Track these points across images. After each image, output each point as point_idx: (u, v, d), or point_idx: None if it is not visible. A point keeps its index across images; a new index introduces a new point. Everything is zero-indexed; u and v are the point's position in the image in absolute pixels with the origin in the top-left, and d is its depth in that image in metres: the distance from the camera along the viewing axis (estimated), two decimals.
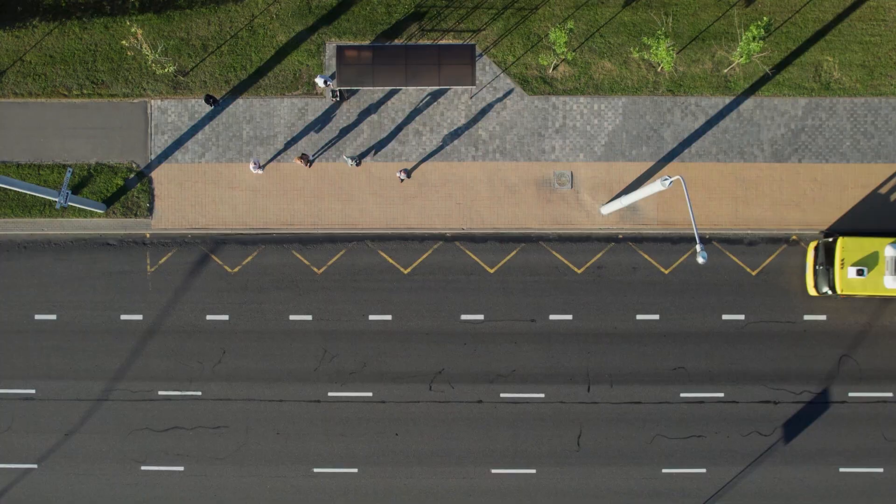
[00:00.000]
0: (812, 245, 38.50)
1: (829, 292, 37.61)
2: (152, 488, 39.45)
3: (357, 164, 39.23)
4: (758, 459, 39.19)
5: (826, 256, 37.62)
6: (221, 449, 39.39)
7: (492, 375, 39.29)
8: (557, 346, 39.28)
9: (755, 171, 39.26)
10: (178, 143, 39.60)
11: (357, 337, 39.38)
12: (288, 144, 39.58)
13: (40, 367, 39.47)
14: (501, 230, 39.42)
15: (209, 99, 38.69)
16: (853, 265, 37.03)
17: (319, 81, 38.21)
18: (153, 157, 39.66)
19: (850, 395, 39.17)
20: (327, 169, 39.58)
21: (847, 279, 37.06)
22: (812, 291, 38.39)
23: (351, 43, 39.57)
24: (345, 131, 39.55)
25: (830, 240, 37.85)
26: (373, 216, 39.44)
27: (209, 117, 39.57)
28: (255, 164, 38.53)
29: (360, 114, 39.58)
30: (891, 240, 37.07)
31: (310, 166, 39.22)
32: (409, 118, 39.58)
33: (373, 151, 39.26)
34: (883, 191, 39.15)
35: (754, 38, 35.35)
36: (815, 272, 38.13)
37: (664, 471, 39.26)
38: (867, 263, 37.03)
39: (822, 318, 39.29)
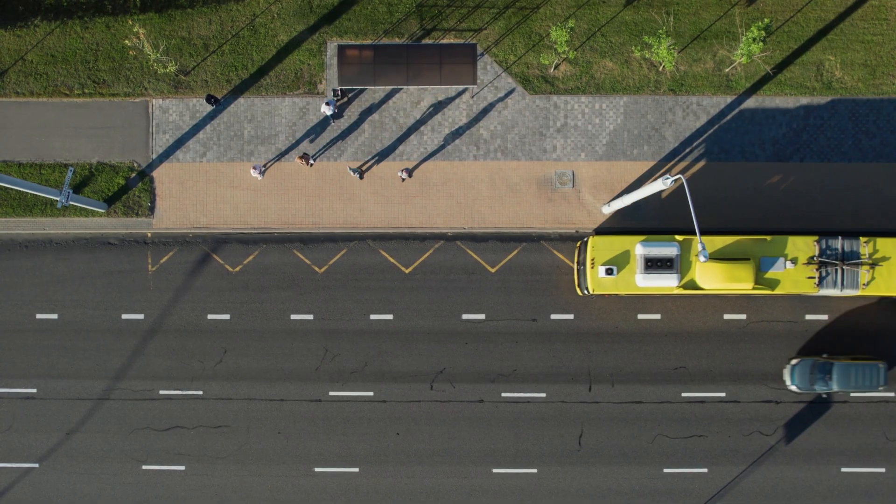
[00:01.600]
0: (577, 245, 38.39)
1: (588, 292, 37.47)
2: (153, 487, 39.45)
3: (360, 178, 39.26)
4: (759, 459, 39.14)
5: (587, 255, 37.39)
6: (222, 448, 39.39)
7: (493, 375, 39.27)
8: (559, 345, 39.24)
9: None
10: (180, 143, 39.61)
11: (358, 336, 39.37)
12: (289, 149, 39.57)
13: (41, 366, 39.48)
14: (503, 229, 39.39)
15: (210, 98, 38.69)
16: (603, 264, 36.74)
17: (326, 110, 38.26)
18: (154, 156, 39.67)
19: (852, 395, 39.11)
20: (328, 168, 39.57)
21: (598, 278, 36.62)
22: (578, 291, 38.12)
23: (352, 42, 39.56)
24: (346, 131, 39.54)
25: (586, 239, 37.71)
26: (374, 215, 39.43)
27: (210, 116, 39.58)
28: (256, 169, 38.53)
29: (361, 113, 39.57)
30: (640, 238, 36.56)
31: (311, 166, 39.21)
32: (411, 117, 39.56)
33: (376, 160, 39.25)
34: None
35: (755, 39, 35.32)
36: (578, 272, 38.01)
37: (665, 470, 39.22)
38: (618, 262, 36.68)
39: (824, 317, 39.24)
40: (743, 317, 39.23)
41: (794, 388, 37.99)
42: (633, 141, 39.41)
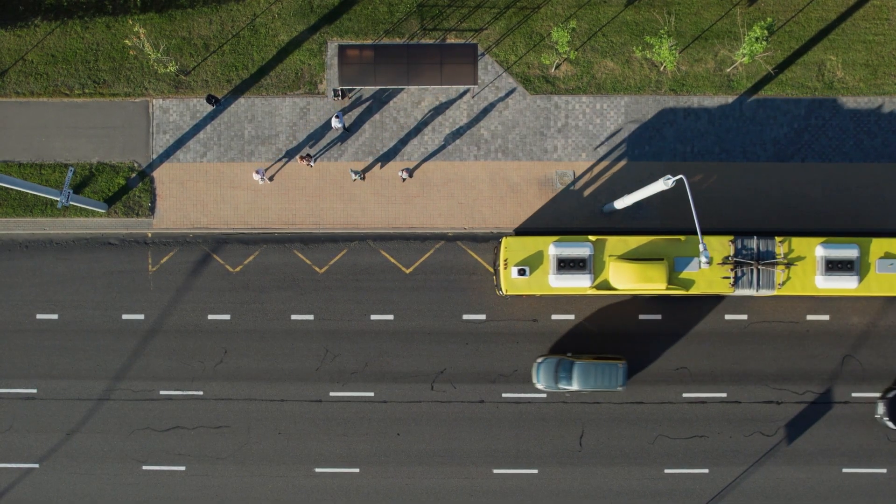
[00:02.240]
0: (495, 246, 38.30)
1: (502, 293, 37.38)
2: (154, 488, 39.42)
3: (362, 179, 39.21)
4: (760, 460, 39.09)
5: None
6: (223, 448, 39.36)
7: (494, 375, 39.22)
8: (559, 345, 39.19)
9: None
10: (180, 143, 39.57)
11: (359, 336, 39.33)
12: (291, 153, 39.53)
13: (42, 366, 39.45)
14: (503, 229, 39.34)
15: (211, 98, 38.64)
16: (516, 265, 36.61)
17: (336, 123, 38.23)
18: (155, 156, 39.63)
19: (853, 395, 39.07)
20: (329, 168, 39.53)
21: (511, 279, 36.53)
22: (497, 292, 38.02)
23: (353, 42, 39.52)
24: (347, 131, 39.46)
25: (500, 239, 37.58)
26: (375, 215, 39.39)
27: (211, 116, 39.54)
28: (259, 173, 38.48)
29: (361, 113, 39.52)
30: (553, 238, 36.48)
31: (310, 167, 39.17)
32: (411, 117, 39.51)
33: (379, 164, 39.21)
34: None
35: (757, 38, 35.25)
36: (496, 272, 37.92)
37: (666, 471, 39.17)
38: (531, 263, 36.57)
39: (826, 318, 39.18)
40: (744, 317, 39.18)
41: (539, 385, 37.96)
42: (634, 141, 39.36)
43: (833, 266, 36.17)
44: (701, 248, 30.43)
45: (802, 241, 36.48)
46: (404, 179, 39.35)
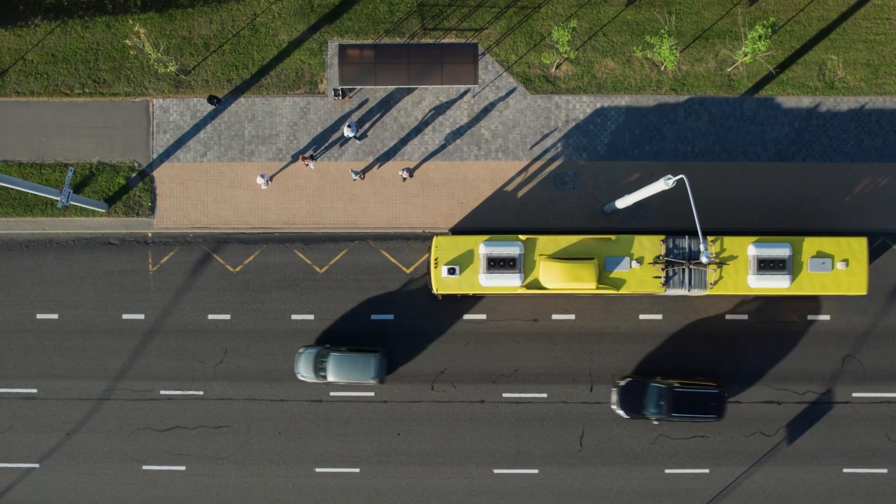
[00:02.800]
0: (430, 245, 38.25)
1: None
2: (154, 488, 39.40)
3: (362, 178, 39.18)
4: (761, 460, 39.06)
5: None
6: (223, 448, 39.34)
7: (494, 375, 39.20)
8: (560, 345, 39.17)
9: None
10: (180, 143, 39.54)
11: (359, 336, 39.29)
12: (294, 157, 39.51)
13: (42, 366, 39.44)
14: (504, 229, 39.28)
15: (212, 99, 38.61)
16: (447, 264, 36.53)
17: (348, 132, 38.20)
18: (155, 156, 39.61)
19: (854, 395, 39.03)
20: (329, 168, 39.50)
21: (441, 278, 36.47)
22: (434, 291, 37.85)
23: (353, 42, 39.49)
24: (359, 139, 39.43)
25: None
26: (375, 215, 39.35)
27: (211, 116, 39.51)
28: (263, 177, 38.46)
29: (362, 113, 39.48)
30: (484, 238, 36.38)
31: (311, 167, 39.15)
32: (412, 117, 39.48)
33: (379, 164, 39.19)
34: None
35: (760, 37, 35.19)
36: (429, 272, 37.89)
37: (667, 471, 39.14)
38: (462, 262, 36.51)
39: (826, 318, 39.15)
40: (745, 317, 39.14)
41: (300, 376, 38.07)
42: (634, 141, 39.32)
43: (765, 265, 36.02)
44: (702, 247, 30.41)
45: (735, 240, 36.31)
46: (405, 179, 39.32)
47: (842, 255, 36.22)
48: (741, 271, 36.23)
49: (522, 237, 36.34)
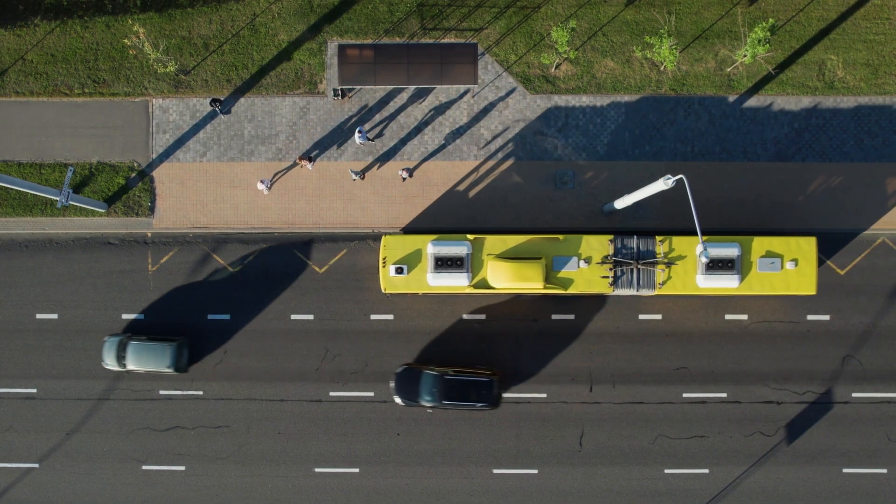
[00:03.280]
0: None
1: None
2: (153, 488, 39.40)
3: (362, 178, 39.18)
4: (760, 460, 39.05)
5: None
6: (222, 448, 39.33)
7: None
8: (560, 345, 39.16)
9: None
10: (180, 143, 39.54)
11: (359, 336, 39.30)
12: (296, 158, 39.51)
13: (41, 366, 39.44)
14: (503, 229, 39.27)
15: (214, 102, 38.54)
16: (395, 263, 36.55)
17: (359, 139, 38.22)
18: (155, 156, 39.61)
19: (854, 395, 39.02)
20: (329, 168, 39.49)
21: (389, 277, 36.57)
22: (382, 290, 37.73)
23: (353, 42, 39.48)
24: (347, 131, 39.46)
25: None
26: (375, 215, 39.35)
27: (210, 116, 39.51)
28: (263, 183, 38.46)
29: (361, 113, 39.48)
30: (432, 237, 36.52)
31: (311, 164, 39.15)
32: (411, 117, 39.48)
33: (378, 164, 39.18)
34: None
35: (760, 40, 35.16)
36: (379, 271, 38.05)
37: (666, 471, 39.13)
38: (410, 261, 36.56)
39: (826, 318, 39.14)
40: (744, 317, 39.14)
41: (105, 365, 38.18)
42: (634, 141, 39.31)
43: (714, 265, 36.03)
44: (701, 247, 30.40)
45: (683, 239, 36.34)
46: (404, 179, 39.31)
47: (791, 254, 36.27)
48: (690, 271, 36.23)
49: (471, 237, 36.47)
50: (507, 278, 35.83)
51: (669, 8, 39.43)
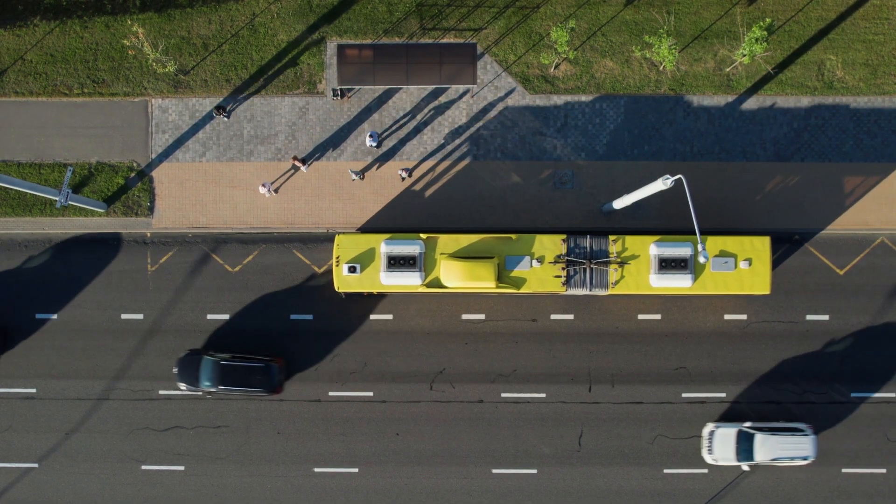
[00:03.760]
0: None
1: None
2: (153, 488, 39.41)
3: (361, 178, 39.20)
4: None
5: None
6: (222, 448, 39.34)
7: (493, 375, 39.20)
8: (559, 345, 39.17)
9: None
10: (179, 143, 39.56)
11: (358, 336, 39.31)
12: (302, 160, 39.53)
13: (41, 366, 39.45)
14: (503, 229, 39.29)
15: (219, 109, 38.48)
16: (348, 262, 36.57)
17: (370, 142, 38.27)
18: (154, 156, 39.62)
19: (853, 395, 39.02)
20: (328, 168, 39.51)
21: (342, 276, 36.56)
22: (336, 289, 37.76)
23: (352, 41, 39.49)
24: (346, 131, 39.47)
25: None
26: (374, 215, 39.34)
27: (210, 116, 39.52)
28: (265, 186, 38.48)
29: (360, 112, 39.50)
30: (385, 236, 36.52)
31: (306, 167, 39.16)
32: (411, 117, 39.49)
33: (378, 164, 39.19)
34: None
35: (757, 39, 35.19)
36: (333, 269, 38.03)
37: (666, 471, 39.14)
38: (363, 260, 36.58)
39: (825, 318, 39.14)
40: (743, 317, 39.14)
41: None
42: (633, 141, 39.31)
43: (667, 265, 36.01)
44: (700, 248, 30.41)
45: (636, 239, 36.36)
46: (403, 179, 39.32)
47: (745, 254, 36.28)
48: (643, 271, 36.25)
49: (423, 236, 36.52)
50: (459, 277, 35.88)
51: (668, 8, 39.43)
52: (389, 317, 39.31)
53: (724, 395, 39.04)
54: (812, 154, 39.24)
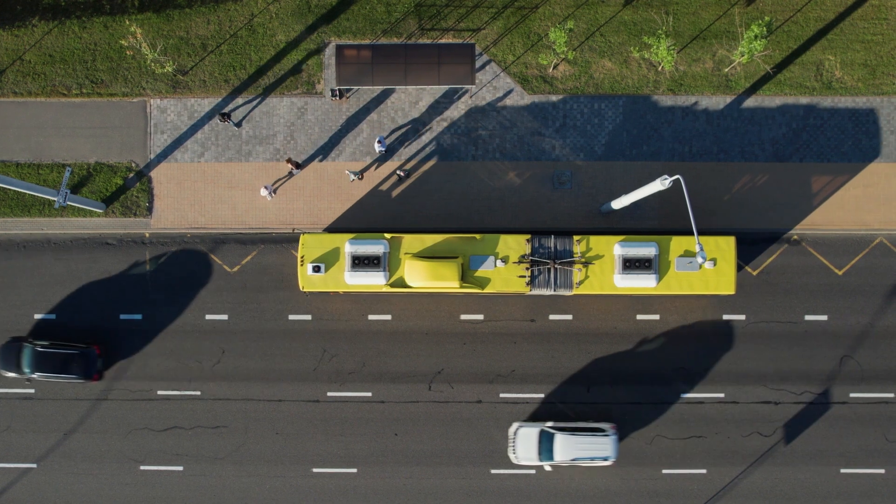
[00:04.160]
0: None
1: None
2: (151, 488, 39.41)
3: (360, 179, 39.19)
4: (758, 460, 39.05)
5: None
6: (220, 449, 39.35)
7: (491, 375, 39.20)
8: (557, 345, 39.17)
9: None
10: (178, 143, 39.56)
11: (356, 337, 39.31)
12: (298, 171, 39.54)
13: None
14: (501, 229, 39.28)
15: (224, 116, 38.42)
16: (312, 262, 36.60)
17: (378, 147, 38.27)
18: (152, 156, 39.63)
19: (852, 395, 39.02)
20: (326, 168, 39.51)
21: (307, 276, 36.64)
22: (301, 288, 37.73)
23: (350, 42, 39.49)
24: (344, 131, 39.48)
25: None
26: (372, 216, 39.34)
27: (208, 116, 39.52)
28: (266, 189, 38.47)
29: (359, 113, 39.50)
30: (350, 236, 36.57)
31: (299, 170, 39.14)
32: (409, 117, 39.49)
33: (376, 164, 39.19)
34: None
35: (756, 36, 35.20)
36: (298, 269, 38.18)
37: (664, 471, 39.14)
38: (328, 260, 36.60)
39: (824, 318, 39.14)
40: (742, 317, 39.14)
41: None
42: (632, 141, 39.31)
43: (631, 265, 36.05)
44: (697, 248, 30.42)
45: (601, 239, 36.41)
46: (401, 179, 39.31)
47: (710, 254, 36.32)
48: (607, 271, 36.28)
49: (388, 236, 36.61)
50: (423, 277, 35.94)
51: (667, 8, 39.43)
52: (388, 317, 39.32)
53: (722, 395, 39.04)
54: (811, 154, 39.24)
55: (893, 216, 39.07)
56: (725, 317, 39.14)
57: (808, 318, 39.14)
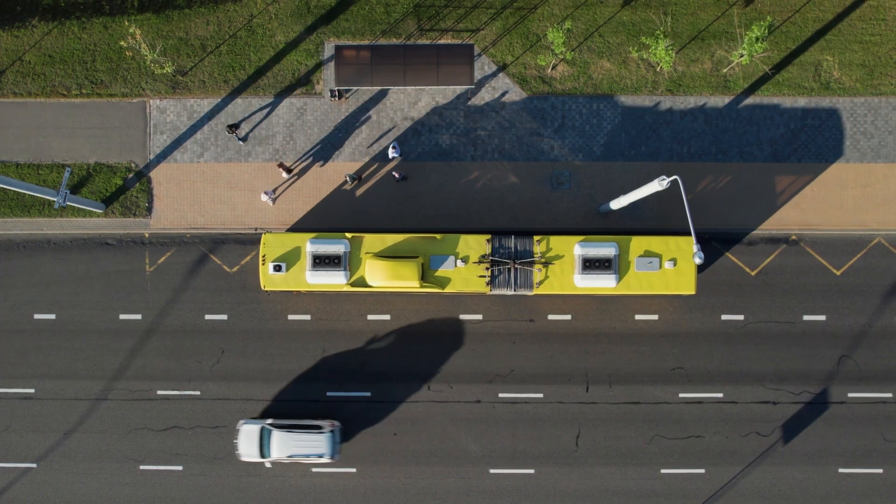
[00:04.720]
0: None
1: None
2: (151, 488, 39.47)
3: (359, 179, 39.22)
4: (757, 460, 39.10)
5: None
6: (220, 448, 39.40)
7: (490, 375, 39.25)
8: (556, 345, 39.23)
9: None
10: (177, 143, 39.62)
11: (356, 336, 39.36)
12: (290, 175, 39.58)
13: (39, 366, 39.51)
14: (500, 230, 39.34)
15: (231, 129, 38.41)
16: (274, 261, 36.72)
17: (392, 153, 38.34)
18: (152, 156, 39.69)
19: (850, 395, 39.07)
20: (325, 169, 39.56)
21: (268, 275, 36.78)
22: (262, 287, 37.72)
23: (350, 42, 39.55)
24: (343, 131, 39.53)
25: None
26: (371, 216, 39.39)
27: (208, 117, 39.58)
28: (267, 195, 38.52)
29: (358, 113, 39.56)
30: (311, 235, 36.67)
31: (290, 175, 39.19)
32: (408, 118, 39.54)
33: (375, 165, 39.22)
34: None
35: (757, 38, 35.23)
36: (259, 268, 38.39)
37: (663, 471, 39.19)
38: (289, 259, 36.71)
39: (822, 318, 39.19)
40: (741, 317, 39.19)
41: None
42: (630, 141, 39.37)
43: (591, 265, 36.15)
44: (695, 248, 30.47)
45: (561, 239, 36.50)
46: (398, 180, 39.37)
47: (670, 254, 36.40)
48: (567, 271, 36.35)
49: (349, 235, 36.71)
50: (384, 277, 36.08)
51: (666, 9, 39.49)
52: (387, 317, 39.37)
53: (721, 395, 39.10)
54: (809, 155, 39.30)
55: (892, 216, 39.12)
56: (724, 317, 39.20)
57: (806, 318, 39.20)
